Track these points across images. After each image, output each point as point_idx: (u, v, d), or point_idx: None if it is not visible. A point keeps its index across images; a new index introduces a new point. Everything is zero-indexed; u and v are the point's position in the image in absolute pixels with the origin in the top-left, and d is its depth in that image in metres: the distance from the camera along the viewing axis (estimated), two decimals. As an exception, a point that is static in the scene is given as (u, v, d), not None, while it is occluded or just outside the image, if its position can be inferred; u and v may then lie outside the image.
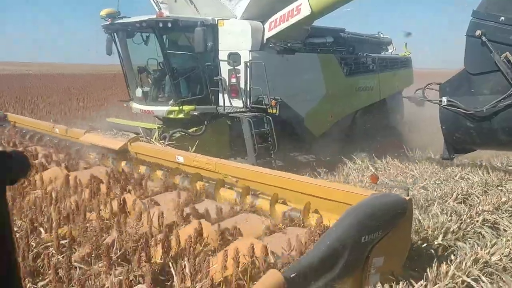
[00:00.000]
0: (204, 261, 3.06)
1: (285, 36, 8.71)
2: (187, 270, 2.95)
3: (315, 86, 9.45)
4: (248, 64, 8.14)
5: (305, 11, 7.92)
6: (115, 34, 8.89)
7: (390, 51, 13.65)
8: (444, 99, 7.03)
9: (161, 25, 7.96)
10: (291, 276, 2.79)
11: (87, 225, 3.85)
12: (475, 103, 6.75)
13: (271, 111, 8.09)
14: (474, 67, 6.83)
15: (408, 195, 3.61)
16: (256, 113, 8.18)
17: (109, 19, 8.60)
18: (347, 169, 8.31)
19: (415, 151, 9.79)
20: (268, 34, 8.45)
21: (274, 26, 8.38)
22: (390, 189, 4.63)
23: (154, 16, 8.04)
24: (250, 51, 8.21)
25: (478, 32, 6.54)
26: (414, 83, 12.73)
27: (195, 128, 8.32)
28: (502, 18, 6.44)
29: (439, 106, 7.16)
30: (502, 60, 6.41)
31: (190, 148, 7.07)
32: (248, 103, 8.25)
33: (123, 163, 6.10)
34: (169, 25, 7.95)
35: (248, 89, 8.22)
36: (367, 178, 6.87)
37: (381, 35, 13.27)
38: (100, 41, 9.19)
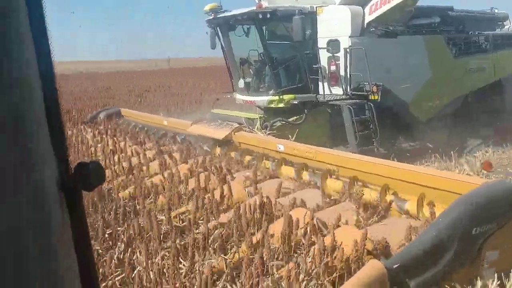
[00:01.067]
0: (307, 250, 3.11)
1: (386, 19, 8.38)
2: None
3: (420, 70, 8.97)
4: (348, 50, 7.98)
5: (408, -9, 7.55)
6: (218, 28, 9.24)
7: (506, 27, 12.45)
8: None
9: (260, 16, 8.11)
10: (394, 267, 2.72)
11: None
12: None
13: (372, 98, 7.87)
14: None
15: (526, 184, 3.32)
16: (357, 100, 8.01)
17: (212, 14, 8.96)
18: (458, 157, 7.80)
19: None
20: (368, 18, 8.19)
21: (374, 9, 8.10)
22: (506, 176, 4.26)
23: (254, 8, 8.22)
24: (350, 37, 8.04)
25: None
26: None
27: (295, 117, 8.38)
28: None
29: None
30: None
31: (290, 136, 7.16)
32: (348, 90, 8.10)
33: (232, 154, 6.31)
34: (268, 16, 8.07)
35: (348, 76, 8.07)
36: (480, 165, 6.40)
37: (496, 11, 12.15)
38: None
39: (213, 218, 3.89)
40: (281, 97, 8.39)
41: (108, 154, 6.47)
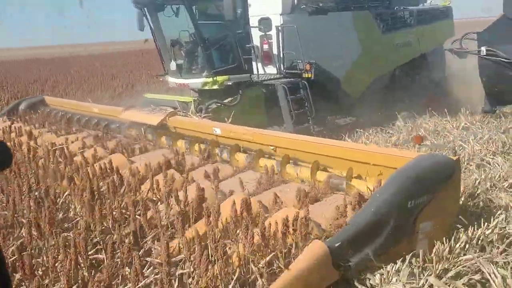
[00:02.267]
0: (246, 232, 3.05)
1: (316, -5, 8.41)
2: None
3: (350, 46, 9.11)
4: (279, 28, 7.93)
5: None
6: (145, 8, 8.83)
7: (428, 1, 12.97)
8: (483, 48, 6.65)
9: None
10: (336, 245, 2.73)
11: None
12: None
13: (306, 76, 7.91)
14: None
15: (455, 155, 3.44)
16: (291, 79, 8.01)
17: (138, -6, 8.55)
18: (390, 130, 8.06)
19: (460, 106, 9.37)
20: (298, -5, 8.17)
21: (304, -14, 8.09)
22: (436, 149, 4.43)
23: (182, -13, 7.92)
24: (280, 14, 7.97)
25: None
26: (456, 35, 12.08)
27: (230, 99, 8.26)
28: None
29: (478, 57, 6.78)
30: None
31: (226, 119, 7.05)
32: (282, 69, 8.08)
33: (163, 138, 6.21)
34: None
35: (281, 54, 8.03)
36: (411, 139, 6.65)
37: None
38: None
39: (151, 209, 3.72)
40: (214, 78, 8.21)
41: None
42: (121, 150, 5.74)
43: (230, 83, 8.26)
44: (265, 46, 8.19)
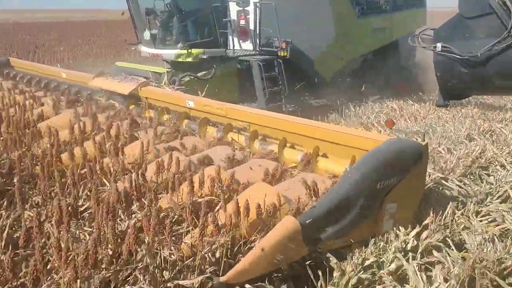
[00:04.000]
0: (217, 209, 3.09)
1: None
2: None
3: (325, 28, 9.16)
4: (257, 4, 7.87)
5: None
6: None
7: None
8: (439, 44, 6.88)
9: None
10: (307, 222, 2.81)
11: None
12: (469, 47, 6.63)
13: (281, 54, 7.93)
14: (469, 11, 6.68)
15: (424, 140, 3.57)
16: (266, 56, 8.01)
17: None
18: (360, 113, 8.22)
19: (428, 93, 9.65)
20: (278, -28, 8.10)
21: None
22: (405, 134, 4.57)
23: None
24: None
25: None
26: (428, 23, 12.31)
27: (204, 72, 8.19)
28: None
29: (433, 53, 7.02)
30: (497, 2, 6.21)
31: (199, 92, 7.00)
32: (258, 46, 8.06)
33: (130, 107, 6.10)
34: None
35: (257, 31, 8.00)
36: (382, 122, 6.81)
37: None
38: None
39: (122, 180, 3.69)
40: (189, 51, 8.11)
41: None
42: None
43: (205, 57, 8.18)
44: (242, 22, 8.13)
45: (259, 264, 2.62)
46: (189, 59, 8.16)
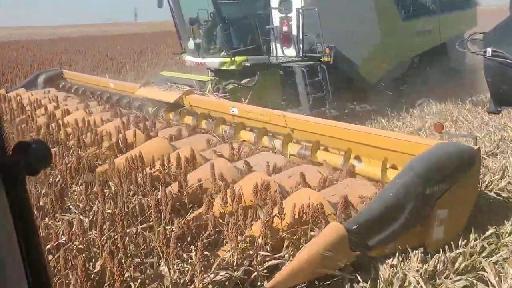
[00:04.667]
0: (267, 214, 3.08)
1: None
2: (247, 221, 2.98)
3: (370, 32, 8.99)
4: (300, 10, 7.85)
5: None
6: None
7: None
8: (489, 49, 6.53)
9: None
10: (353, 228, 2.75)
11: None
12: None
13: (325, 60, 7.85)
14: None
15: (476, 144, 3.43)
16: (310, 62, 7.96)
17: (158, -29, 8.51)
18: (408, 118, 8.01)
19: (478, 97, 9.27)
20: (320, -22, 8.06)
21: (327, -32, 7.97)
22: (457, 138, 4.39)
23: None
24: None
25: None
26: (479, 24, 11.85)
27: (247, 79, 8.24)
28: None
29: (483, 58, 6.71)
30: None
31: (243, 99, 7.05)
32: (301, 52, 8.03)
33: (170, 115, 6.26)
34: None
35: (300, 37, 7.97)
36: (431, 127, 6.61)
37: None
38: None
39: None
40: (232, 59, 8.18)
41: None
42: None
43: (248, 64, 8.23)
44: (285, 28, 8.13)
45: (305, 270, 2.59)
46: (233, 67, 8.24)
